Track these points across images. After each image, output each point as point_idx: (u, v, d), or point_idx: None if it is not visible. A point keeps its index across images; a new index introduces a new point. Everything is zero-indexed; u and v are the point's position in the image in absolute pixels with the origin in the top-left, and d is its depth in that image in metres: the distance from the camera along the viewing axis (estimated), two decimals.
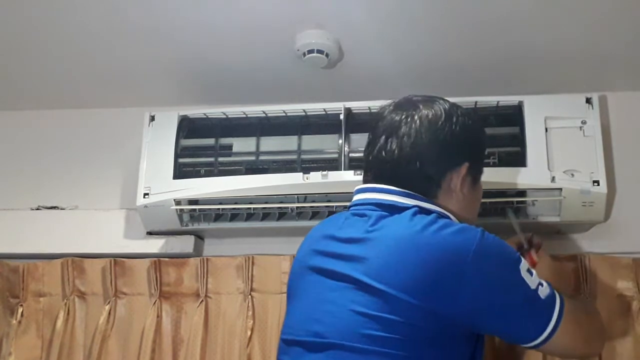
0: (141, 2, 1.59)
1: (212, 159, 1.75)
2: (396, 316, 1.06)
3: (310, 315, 1.16)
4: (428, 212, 1.16)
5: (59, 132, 2.07)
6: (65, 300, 1.83)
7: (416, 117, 1.21)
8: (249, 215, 1.76)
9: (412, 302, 1.06)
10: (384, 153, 1.22)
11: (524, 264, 1.13)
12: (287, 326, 1.23)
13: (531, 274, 1.13)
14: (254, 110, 1.77)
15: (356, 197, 1.26)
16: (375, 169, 1.24)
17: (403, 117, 1.22)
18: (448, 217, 1.18)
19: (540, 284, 1.14)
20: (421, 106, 1.23)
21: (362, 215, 1.19)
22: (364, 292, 1.09)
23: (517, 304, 1.11)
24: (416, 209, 1.16)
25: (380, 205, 1.19)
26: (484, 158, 1.31)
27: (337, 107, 1.71)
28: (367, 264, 1.11)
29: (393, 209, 1.17)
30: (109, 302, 1.81)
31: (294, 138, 1.73)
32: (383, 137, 1.23)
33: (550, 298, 1.14)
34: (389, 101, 1.29)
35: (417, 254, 1.08)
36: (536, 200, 1.61)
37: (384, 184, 1.21)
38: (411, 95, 1.28)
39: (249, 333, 1.73)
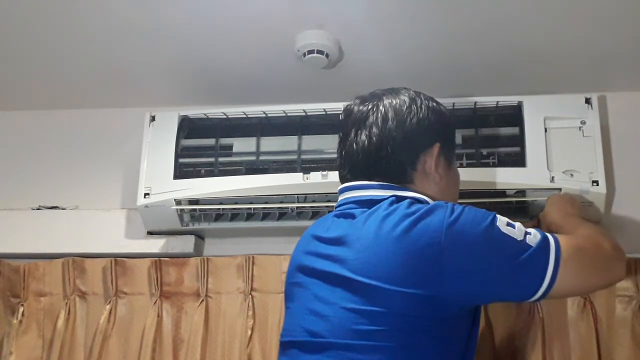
0: (142, 2, 1.59)
1: (212, 159, 1.75)
2: (382, 307, 1.07)
3: (305, 315, 1.17)
4: (403, 199, 1.16)
5: (59, 132, 2.07)
6: (66, 300, 1.84)
7: (381, 107, 1.25)
8: (249, 215, 1.76)
9: (400, 290, 1.06)
10: (354, 146, 1.24)
11: (502, 219, 1.12)
12: (284, 329, 1.24)
13: (513, 226, 1.11)
14: (254, 110, 1.78)
15: (340, 198, 1.28)
16: (349, 163, 1.26)
17: (369, 107, 1.26)
18: (424, 201, 1.18)
19: (528, 232, 1.11)
20: (385, 96, 1.27)
21: (346, 216, 1.21)
22: (352, 288, 1.10)
23: (507, 261, 1.08)
24: (393, 198, 1.17)
25: (359, 202, 1.21)
26: (454, 138, 1.33)
27: (337, 107, 1.71)
28: (351, 261, 1.12)
29: (372, 204, 1.18)
30: (109, 302, 1.82)
31: (294, 138, 1.74)
32: (353, 130, 1.26)
33: (543, 242, 1.11)
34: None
35: (395, 243, 1.08)
36: (536, 200, 1.62)
37: (361, 179, 1.23)
38: (375, 90, 1.31)
39: (249, 333, 1.74)
